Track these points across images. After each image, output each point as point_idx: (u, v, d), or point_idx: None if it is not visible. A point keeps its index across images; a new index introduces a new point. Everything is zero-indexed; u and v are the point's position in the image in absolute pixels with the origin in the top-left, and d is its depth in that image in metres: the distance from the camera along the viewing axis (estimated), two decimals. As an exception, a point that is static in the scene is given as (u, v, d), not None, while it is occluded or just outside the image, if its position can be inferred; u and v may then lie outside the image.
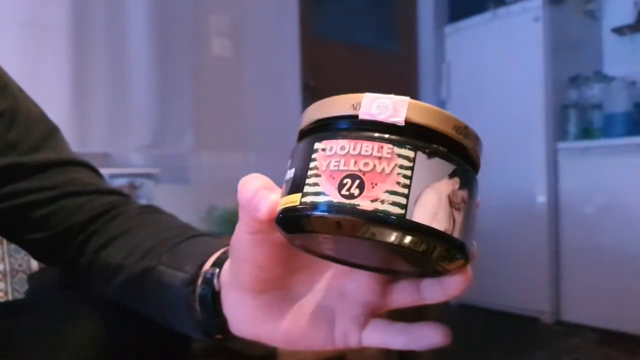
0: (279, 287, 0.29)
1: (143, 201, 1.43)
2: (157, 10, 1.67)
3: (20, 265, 1.24)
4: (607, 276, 2.07)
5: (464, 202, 0.24)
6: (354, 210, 0.21)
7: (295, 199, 0.23)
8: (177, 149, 1.73)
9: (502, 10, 2.41)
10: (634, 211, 2.02)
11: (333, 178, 0.22)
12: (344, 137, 0.23)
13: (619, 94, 2.19)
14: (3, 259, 1.22)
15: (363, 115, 0.23)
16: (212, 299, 0.32)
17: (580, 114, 2.28)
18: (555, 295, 2.24)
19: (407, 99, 0.23)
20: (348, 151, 0.22)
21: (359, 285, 0.28)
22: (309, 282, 0.30)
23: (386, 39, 2.71)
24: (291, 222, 0.24)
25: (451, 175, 0.23)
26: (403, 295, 0.27)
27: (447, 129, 0.24)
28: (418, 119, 0.23)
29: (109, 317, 0.45)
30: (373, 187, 0.22)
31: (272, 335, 0.30)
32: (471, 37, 2.55)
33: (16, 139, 0.45)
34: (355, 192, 0.22)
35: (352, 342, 0.28)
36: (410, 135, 0.23)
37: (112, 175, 1.41)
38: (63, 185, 0.46)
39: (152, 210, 0.48)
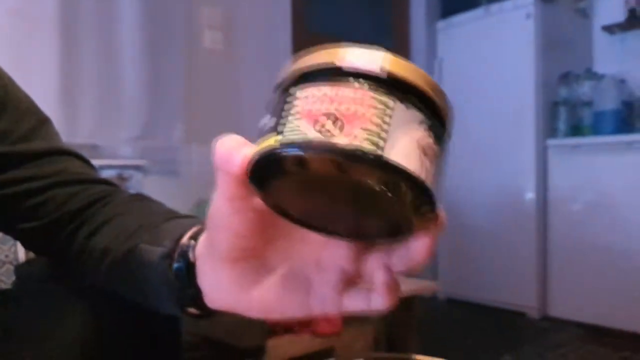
0: (255, 256, 0.29)
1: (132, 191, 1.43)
2: (149, 2, 1.66)
3: (7, 256, 1.23)
4: (593, 273, 2.10)
5: (436, 156, 0.24)
6: (330, 146, 0.22)
7: (271, 141, 0.23)
8: (166, 142, 1.72)
9: (494, 7, 2.42)
10: (621, 208, 2.04)
11: (311, 118, 0.22)
12: (325, 84, 0.23)
13: (609, 91, 2.21)
14: (-11, 251, 1.21)
15: (345, 64, 0.23)
16: (187, 270, 0.32)
17: (570, 111, 2.30)
18: (542, 291, 2.26)
19: (387, 53, 0.24)
20: (328, 95, 0.23)
21: (333, 253, 0.28)
22: (285, 251, 0.30)
23: (378, 35, 2.71)
24: (266, 162, 0.24)
25: (425, 129, 0.24)
26: (375, 261, 0.27)
27: (424, 85, 0.24)
28: (398, 71, 0.24)
29: (98, 309, 0.45)
30: (351, 127, 0.22)
31: (247, 305, 0.30)
32: (463, 33, 2.56)
33: (6, 129, 0.46)
34: (334, 130, 0.22)
35: (330, 307, 0.28)
36: (390, 85, 0.23)
37: (101, 166, 1.40)
38: (54, 174, 0.46)
39: (140, 198, 0.48)
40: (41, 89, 1.39)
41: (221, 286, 0.30)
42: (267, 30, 2.11)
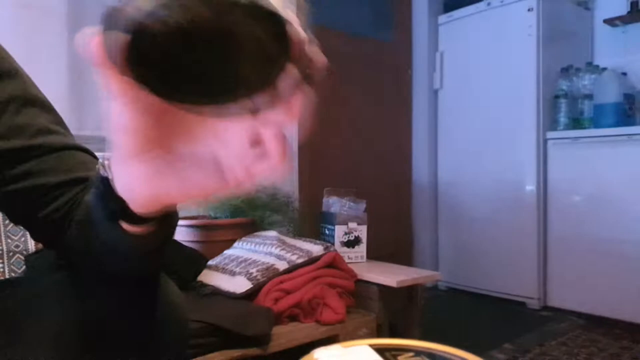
0: (159, 147, 0.30)
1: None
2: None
3: (17, 246, 1.25)
4: (593, 263, 2.12)
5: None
6: None
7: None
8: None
9: (496, 1, 2.42)
10: (620, 201, 2.06)
11: None
12: None
13: (610, 84, 2.22)
14: (0, 240, 1.23)
15: None
16: (105, 187, 0.35)
17: (570, 104, 2.31)
18: (542, 281, 2.29)
19: None
20: None
21: (230, 127, 0.29)
22: (186, 136, 0.31)
23: (381, 28, 2.72)
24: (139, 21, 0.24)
25: None
26: (265, 124, 0.28)
27: None
28: None
29: (103, 296, 0.47)
30: None
31: (166, 192, 0.32)
32: (465, 27, 2.57)
33: (25, 123, 0.47)
34: None
35: (242, 176, 0.30)
36: None
37: (108, 158, 1.42)
38: (69, 169, 0.48)
39: None
40: (49, 81, 1.40)
41: (136, 183, 0.32)
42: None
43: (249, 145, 0.29)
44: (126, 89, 0.27)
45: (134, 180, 0.32)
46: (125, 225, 0.37)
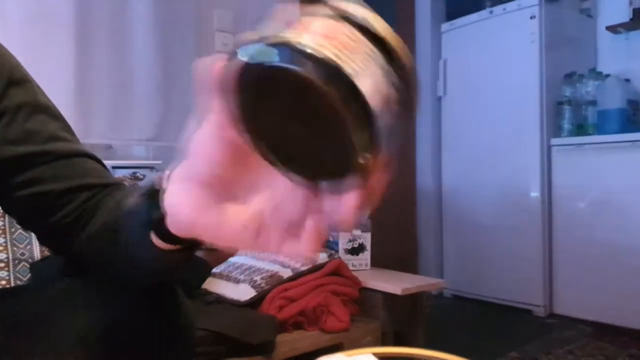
0: (222, 184, 0.31)
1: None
2: (160, 5, 1.69)
3: (22, 254, 1.26)
4: (599, 270, 2.11)
5: (394, 110, 0.27)
6: (293, 44, 0.25)
7: (251, 36, 0.26)
8: (179, 142, 1.75)
9: (498, 8, 2.43)
10: (626, 207, 2.05)
11: (288, 23, 0.26)
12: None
13: (613, 91, 2.22)
14: (6, 248, 1.24)
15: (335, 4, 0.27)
16: (154, 195, 0.35)
17: (574, 111, 2.31)
18: (548, 289, 2.27)
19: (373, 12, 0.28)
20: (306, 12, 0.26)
21: (290, 197, 0.30)
22: (250, 186, 0.31)
23: (384, 36, 2.73)
24: (256, 67, 0.26)
25: (391, 82, 0.27)
26: (314, 208, 0.29)
27: (398, 49, 0.28)
28: (379, 29, 0.28)
29: (113, 303, 0.48)
30: (309, 33, 0.25)
31: (203, 227, 0.32)
32: (468, 34, 2.58)
33: (34, 130, 0.48)
34: (300, 30, 0.25)
35: (272, 247, 0.31)
36: (373, 37, 0.27)
37: (115, 166, 1.43)
38: (77, 176, 0.49)
39: (125, 188, 0.51)
40: (57, 90, 1.41)
41: (183, 205, 0.32)
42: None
43: (295, 220, 0.30)
44: (226, 126, 0.28)
45: (183, 202, 0.32)
46: (154, 239, 0.37)
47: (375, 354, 0.38)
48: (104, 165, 0.53)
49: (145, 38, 1.65)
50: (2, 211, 1.24)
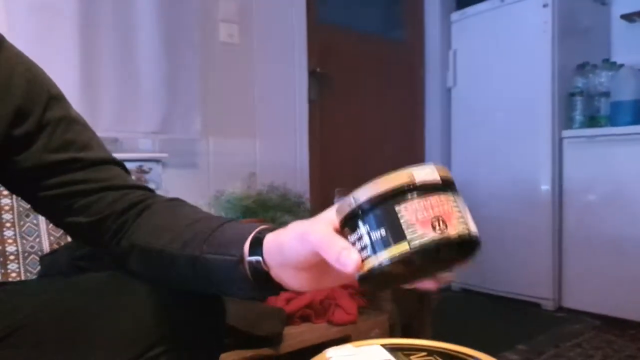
0: (315, 268, 0.42)
1: (152, 185, 1.46)
2: (165, -3, 1.67)
3: (32, 247, 1.27)
4: (609, 264, 2.09)
5: None
6: (450, 239, 0.34)
7: (402, 247, 0.34)
8: (184, 135, 1.75)
9: (510, -3, 2.39)
10: (637, 200, 2.02)
11: (425, 224, 0.33)
12: (417, 197, 0.34)
13: (627, 81, 2.17)
14: (15, 241, 1.26)
15: (420, 181, 0.35)
16: (265, 277, 0.45)
17: (586, 102, 2.27)
18: (557, 282, 2.26)
19: (435, 166, 0.36)
20: (424, 204, 0.34)
21: None
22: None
23: (392, 26, 2.70)
24: (406, 263, 0.34)
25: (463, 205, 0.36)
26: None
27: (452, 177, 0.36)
28: (445, 175, 0.36)
29: (152, 296, 0.53)
30: (450, 222, 0.34)
31: (309, 287, 0.44)
32: (478, 24, 2.54)
33: (72, 139, 0.56)
34: (444, 227, 0.34)
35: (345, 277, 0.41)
36: (448, 185, 0.36)
37: (123, 159, 1.43)
38: (105, 180, 0.56)
39: (179, 203, 0.58)
40: (62, 83, 1.42)
41: (294, 280, 0.44)
42: (282, 23, 2.12)
43: None
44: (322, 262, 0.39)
45: (292, 279, 0.44)
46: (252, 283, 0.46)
47: (383, 345, 0.38)
48: (126, 171, 0.60)
49: (150, 30, 1.64)
50: (10, 204, 1.26)
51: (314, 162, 2.23)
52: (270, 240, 0.44)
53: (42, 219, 1.29)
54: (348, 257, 0.36)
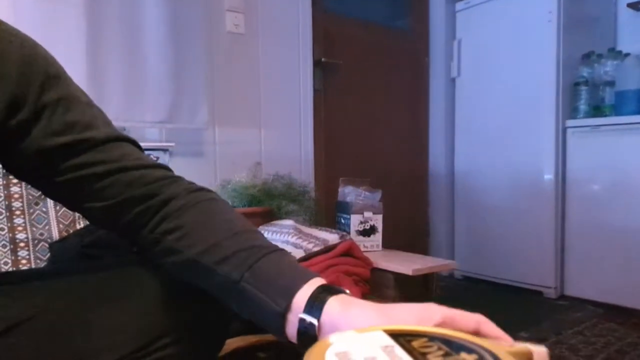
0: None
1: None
2: (170, -14, 1.67)
3: (41, 234, 1.29)
4: (611, 252, 2.10)
5: None
6: None
7: None
8: (191, 124, 1.76)
9: (515, -15, 2.37)
10: (641, 189, 2.02)
11: None
12: None
13: (633, 70, 2.16)
14: (25, 228, 1.27)
15: None
16: (312, 339, 0.41)
17: (591, 92, 2.26)
18: (560, 270, 2.27)
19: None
20: None
21: None
22: None
23: (397, 16, 2.69)
24: None
25: None
26: None
27: None
28: None
29: (159, 285, 0.53)
30: None
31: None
32: (482, 13, 2.52)
33: (74, 120, 0.51)
34: None
35: None
36: None
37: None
38: (116, 160, 0.52)
39: (209, 199, 0.54)
40: (68, 70, 1.42)
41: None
42: (288, 12, 2.12)
43: None
44: None
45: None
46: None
47: (385, 331, 0.39)
48: (138, 146, 0.56)
49: (157, 19, 1.65)
50: (20, 192, 1.28)
51: (319, 152, 2.24)
52: (334, 312, 0.41)
53: (51, 207, 1.30)
54: None
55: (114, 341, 0.50)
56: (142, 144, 0.59)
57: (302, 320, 0.42)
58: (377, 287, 1.49)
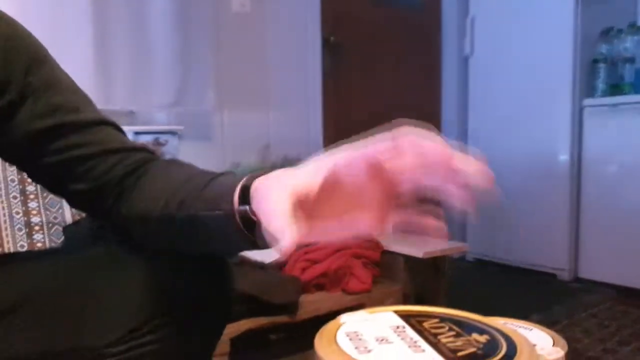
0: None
1: (168, 157, 1.48)
2: (176, -33, 1.65)
3: (55, 217, 1.31)
4: (625, 235, 2.06)
5: None
6: None
7: None
8: (199, 107, 1.75)
9: (531, -41, 2.29)
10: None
11: None
12: None
13: (653, 47, 2.10)
14: (39, 212, 1.29)
15: None
16: (255, 226, 0.41)
17: (610, 69, 2.20)
18: (574, 253, 2.24)
19: None
20: None
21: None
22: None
23: (409, -8, 2.63)
24: None
25: None
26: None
27: None
28: None
29: (155, 264, 0.52)
30: None
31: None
32: (498, -12, 2.45)
33: (59, 103, 0.52)
34: None
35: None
36: None
37: (138, 132, 1.45)
38: (99, 143, 0.52)
39: (175, 164, 0.55)
40: (77, 59, 1.43)
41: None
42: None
43: None
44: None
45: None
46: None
47: (396, 312, 0.39)
48: (121, 131, 0.56)
49: (163, 2, 1.63)
50: (33, 176, 1.29)
51: (328, 133, 2.22)
52: (259, 188, 0.41)
53: (63, 191, 1.31)
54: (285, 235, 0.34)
55: (103, 325, 0.50)
56: (151, 127, 0.59)
57: (240, 213, 0.42)
58: (388, 269, 1.49)
